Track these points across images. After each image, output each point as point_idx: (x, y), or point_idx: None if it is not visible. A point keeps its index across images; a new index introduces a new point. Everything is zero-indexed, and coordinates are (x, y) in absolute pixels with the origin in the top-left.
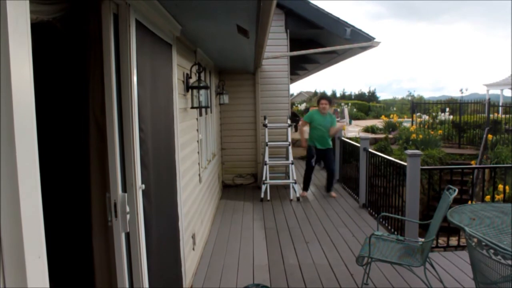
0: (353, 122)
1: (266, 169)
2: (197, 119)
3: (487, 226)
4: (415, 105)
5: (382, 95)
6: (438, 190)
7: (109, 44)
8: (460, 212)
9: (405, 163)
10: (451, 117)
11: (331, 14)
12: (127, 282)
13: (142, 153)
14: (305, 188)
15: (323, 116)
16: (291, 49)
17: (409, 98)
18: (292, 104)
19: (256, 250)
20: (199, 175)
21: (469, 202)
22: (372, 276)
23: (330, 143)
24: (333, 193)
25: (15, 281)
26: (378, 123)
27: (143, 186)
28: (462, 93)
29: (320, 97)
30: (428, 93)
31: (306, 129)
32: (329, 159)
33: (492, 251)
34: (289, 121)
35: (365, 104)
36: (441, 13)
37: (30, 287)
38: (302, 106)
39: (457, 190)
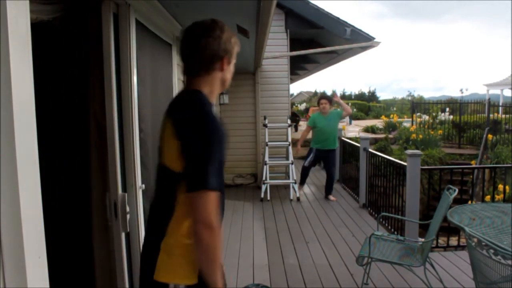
0: (353, 122)
1: (266, 169)
2: None
3: (487, 226)
4: (415, 105)
5: (382, 95)
6: (438, 190)
7: (109, 44)
8: (460, 212)
9: (405, 163)
10: (451, 117)
11: (331, 14)
12: (127, 282)
13: (142, 153)
14: (302, 182)
15: (325, 116)
16: (291, 49)
17: (409, 98)
18: (292, 104)
19: (256, 250)
20: None
21: (469, 202)
22: (372, 276)
23: (336, 143)
24: (331, 197)
25: (15, 281)
26: (378, 123)
27: (143, 186)
28: (462, 93)
29: (319, 97)
30: (428, 93)
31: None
32: (330, 162)
33: (492, 251)
34: (289, 121)
35: (365, 104)
36: (442, 12)
37: (30, 287)
38: (302, 106)
39: (457, 190)
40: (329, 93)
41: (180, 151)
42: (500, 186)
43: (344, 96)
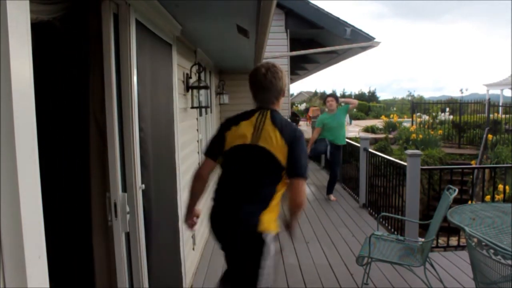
0: (353, 122)
1: None
2: (197, 119)
3: (487, 226)
4: (415, 105)
5: (382, 95)
6: (438, 190)
7: (109, 44)
8: (460, 212)
9: (405, 163)
10: (451, 117)
11: (331, 14)
12: (127, 282)
13: (142, 153)
14: (330, 190)
15: (333, 115)
16: (291, 49)
17: (409, 98)
18: (292, 104)
19: None
20: None
21: (469, 202)
22: (372, 276)
23: (345, 139)
24: (332, 196)
25: (15, 281)
26: (378, 123)
27: (143, 186)
28: (462, 93)
29: (326, 95)
30: (428, 93)
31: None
32: (335, 159)
33: (492, 251)
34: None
35: (365, 104)
36: (442, 12)
37: (30, 287)
38: (302, 106)
39: (457, 190)
40: (329, 93)
41: (289, 154)
42: (500, 186)
43: (344, 96)
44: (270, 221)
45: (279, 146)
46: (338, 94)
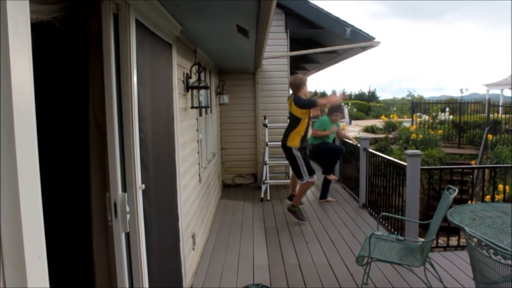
0: (353, 122)
1: (266, 169)
2: (197, 119)
3: (487, 226)
4: (415, 105)
5: (382, 95)
6: (438, 190)
7: (109, 44)
8: (460, 212)
9: (405, 163)
10: (451, 117)
11: (331, 14)
12: (127, 282)
13: (142, 153)
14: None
15: (336, 124)
16: (291, 49)
17: (409, 98)
18: None
19: (256, 250)
20: (199, 175)
21: (469, 202)
22: (372, 276)
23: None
24: (329, 198)
25: (15, 281)
26: (378, 123)
27: (143, 186)
28: (462, 93)
29: (335, 109)
30: (428, 93)
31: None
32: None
33: (492, 251)
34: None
35: (365, 104)
36: (442, 12)
37: (30, 287)
38: None
39: (457, 190)
40: (328, 93)
41: (296, 106)
42: (500, 186)
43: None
44: (292, 141)
45: (294, 108)
46: (338, 95)
